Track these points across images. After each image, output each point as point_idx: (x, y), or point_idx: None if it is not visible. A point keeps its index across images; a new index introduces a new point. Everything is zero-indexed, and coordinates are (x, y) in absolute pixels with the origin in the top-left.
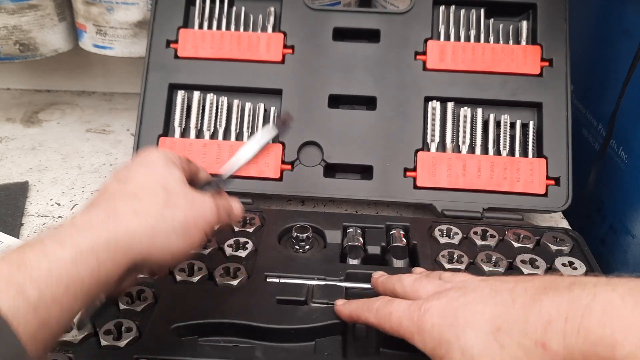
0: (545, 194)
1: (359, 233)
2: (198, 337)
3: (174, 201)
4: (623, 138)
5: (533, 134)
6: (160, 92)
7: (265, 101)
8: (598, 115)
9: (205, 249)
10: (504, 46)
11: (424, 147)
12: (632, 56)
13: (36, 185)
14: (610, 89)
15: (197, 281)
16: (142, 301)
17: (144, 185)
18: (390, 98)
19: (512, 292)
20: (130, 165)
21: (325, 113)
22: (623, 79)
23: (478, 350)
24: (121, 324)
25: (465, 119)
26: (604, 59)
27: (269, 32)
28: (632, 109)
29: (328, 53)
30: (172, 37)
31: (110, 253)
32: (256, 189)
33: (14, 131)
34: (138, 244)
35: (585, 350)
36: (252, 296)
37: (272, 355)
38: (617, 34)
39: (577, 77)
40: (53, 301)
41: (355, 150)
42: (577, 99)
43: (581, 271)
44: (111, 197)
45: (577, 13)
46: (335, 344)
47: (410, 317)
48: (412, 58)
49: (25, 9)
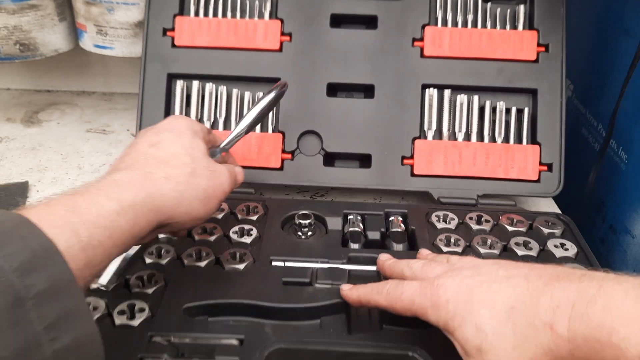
0: (538, 180)
1: (359, 219)
2: (208, 317)
3: (199, 171)
4: (623, 138)
5: (528, 120)
6: (159, 83)
7: (264, 90)
8: (598, 115)
9: (212, 235)
10: (501, 32)
11: (420, 135)
12: (632, 56)
13: (36, 185)
14: (610, 89)
15: (204, 266)
16: (153, 284)
17: (174, 153)
18: (388, 86)
19: (526, 277)
20: (159, 130)
21: (324, 102)
22: (623, 78)
23: (491, 327)
24: (134, 304)
25: (462, 106)
26: (604, 58)
27: (266, 20)
28: (632, 109)
29: (326, 40)
30: (168, 25)
31: (145, 210)
32: (258, 179)
33: (14, 131)
34: (168, 207)
35: (586, 335)
36: (259, 279)
37: (281, 332)
38: (617, 33)
39: (577, 77)
40: (99, 244)
41: (354, 139)
42: (577, 99)
43: (572, 252)
44: (145, 160)
45: (576, 12)
46: (339, 321)
47: (424, 293)
48: (410, 44)
49: (25, 9)
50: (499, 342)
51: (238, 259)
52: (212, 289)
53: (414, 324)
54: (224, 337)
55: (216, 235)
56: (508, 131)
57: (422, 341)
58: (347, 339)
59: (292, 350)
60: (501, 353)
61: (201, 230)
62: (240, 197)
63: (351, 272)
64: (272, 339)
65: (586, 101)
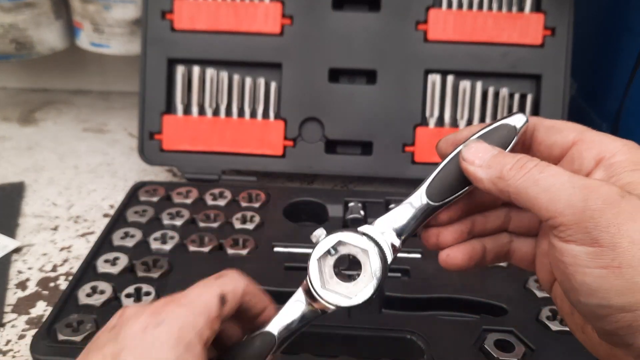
0: None
1: (360, 207)
2: None
3: None
4: (627, 137)
5: (531, 106)
6: (159, 68)
7: (266, 75)
8: (602, 115)
9: (215, 222)
10: (507, 14)
11: (422, 122)
12: (636, 54)
13: (32, 185)
14: (614, 88)
15: (208, 251)
16: (158, 269)
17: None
18: (391, 71)
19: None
20: (124, 343)
21: (326, 88)
22: (627, 77)
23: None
24: (141, 288)
25: (465, 92)
26: (608, 57)
27: (266, 2)
28: (637, 108)
29: (327, 24)
30: (166, 8)
31: None
32: (260, 167)
33: (9, 131)
34: None
35: None
36: (261, 264)
37: None
38: (621, 32)
39: (581, 76)
40: None
41: (356, 126)
42: (581, 98)
43: None
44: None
45: (580, 11)
46: None
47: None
48: (413, 28)
49: (21, 7)
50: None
51: (241, 245)
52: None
53: (411, 308)
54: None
55: (219, 222)
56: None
57: (420, 325)
58: (347, 322)
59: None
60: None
61: (205, 217)
62: (242, 184)
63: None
64: None
65: (590, 100)
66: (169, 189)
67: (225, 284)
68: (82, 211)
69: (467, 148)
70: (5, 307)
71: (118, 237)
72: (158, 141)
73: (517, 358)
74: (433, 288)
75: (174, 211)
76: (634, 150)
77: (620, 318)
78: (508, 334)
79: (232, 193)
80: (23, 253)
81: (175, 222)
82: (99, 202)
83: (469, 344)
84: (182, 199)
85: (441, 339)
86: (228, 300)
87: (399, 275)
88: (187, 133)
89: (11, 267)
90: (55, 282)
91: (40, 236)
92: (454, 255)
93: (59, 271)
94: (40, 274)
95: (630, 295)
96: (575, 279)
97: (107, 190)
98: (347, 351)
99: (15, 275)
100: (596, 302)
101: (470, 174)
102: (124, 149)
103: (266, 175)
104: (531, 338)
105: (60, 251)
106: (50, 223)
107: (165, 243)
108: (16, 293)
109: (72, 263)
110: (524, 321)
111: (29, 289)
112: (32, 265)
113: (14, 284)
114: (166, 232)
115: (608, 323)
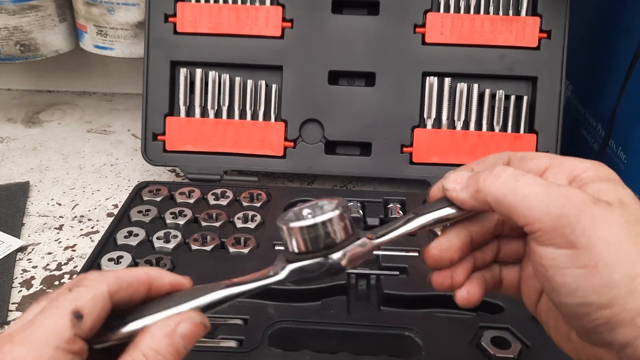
0: None
1: (359, 206)
2: None
3: None
4: (622, 138)
5: (526, 108)
6: (162, 70)
7: (267, 77)
8: (597, 116)
9: (217, 221)
10: (503, 17)
11: (420, 123)
12: (631, 56)
13: (37, 185)
14: (609, 89)
15: (210, 250)
16: (161, 267)
17: None
18: (389, 74)
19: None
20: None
21: (326, 90)
22: (622, 79)
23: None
24: None
25: (462, 94)
26: (603, 59)
27: (267, 5)
28: (631, 109)
29: (327, 27)
30: (169, 11)
31: None
32: (261, 167)
33: (15, 131)
34: None
35: None
36: (262, 262)
37: (284, 312)
38: (616, 33)
39: (576, 78)
40: None
41: (355, 127)
42: (576, 99)
43: None
44: None
45: (576, 14)
46: (339, 303)
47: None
48: (412, 31)
49: (26, 10)
50: None
51: (242, 244)
52: (218, 271)
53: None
54: (230, 317)
55: (221, 221)
56: (506, 120)
57: (418, 322)
58: (346, 319)
59: (294, 329)
60: None
61: (207, 217)
62: (244, 184)
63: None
64: (275, 319)
65: (585, 101)
66: (172, 189)
67: (80, 295)
68: (86, 211)
69: (446, 180)
70: (10, 305)
71: (122, 236)
72: (161, 142)
73: (513, 355)
74: (431, 286)
75: (176, 211)
76: (600, 168)
77: (599, 315)
78: (504, 331)
79: (234, 193)
80: (28, 252)
81: (178, 221)
82: (103, 202)
83: (466, 340)
84: (185, 199)
85: (439, 335)
86: (85, 313)
87: (397, 274)
88: (189, 134)
89: (16, 265)
90: (60, 281)
91: (45, 235)
92: (474, 291)
93: (63, 270)
94: (45, 273)
95: (607, 293)
96: (555, 281)
97: (111, 190)
98: (346, 347)
99: (20, 274)
100: (576, 301)
101: (455, 199)
102: (128, 150)
103: (267, 175)
104: (527, 335)
105: (64, 250)
106: (54, 222)
107: (168, 242)
108: (21, 291)
109: (76, 262)
110: (520, 318)
111: (34, 287)
112: (36, 264)
113: (18, 283)
114: (169, 231)
115: (588, 321)
